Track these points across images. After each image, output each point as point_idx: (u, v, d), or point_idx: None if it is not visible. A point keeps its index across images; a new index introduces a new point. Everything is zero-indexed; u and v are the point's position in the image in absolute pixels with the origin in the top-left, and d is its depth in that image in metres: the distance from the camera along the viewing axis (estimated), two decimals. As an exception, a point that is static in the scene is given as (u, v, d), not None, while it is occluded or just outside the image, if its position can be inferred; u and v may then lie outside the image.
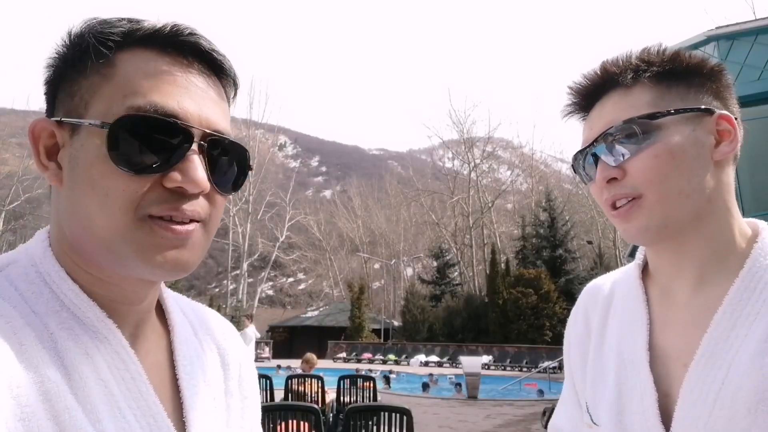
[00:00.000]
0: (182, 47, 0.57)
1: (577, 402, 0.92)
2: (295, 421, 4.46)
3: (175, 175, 0.53)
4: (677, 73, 0.76)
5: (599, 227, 44.55)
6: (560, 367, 20.55)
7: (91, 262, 0.56)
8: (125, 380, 0.55)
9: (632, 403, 0.77)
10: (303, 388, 7.03)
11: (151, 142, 0.53)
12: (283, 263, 71.04)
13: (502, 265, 30.68)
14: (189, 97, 0.55)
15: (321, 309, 45.99)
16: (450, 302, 33.14)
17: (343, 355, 29.17)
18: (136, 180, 0.52)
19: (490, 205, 44.02)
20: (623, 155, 0.74)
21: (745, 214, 0.77)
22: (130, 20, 0.57)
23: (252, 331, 11.81)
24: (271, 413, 4.37)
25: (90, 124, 0.53)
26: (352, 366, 20.41)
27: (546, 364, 19.73)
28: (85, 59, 0.55)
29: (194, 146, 0.55)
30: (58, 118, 0.55)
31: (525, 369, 21.15)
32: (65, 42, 0.57)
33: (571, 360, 0.95)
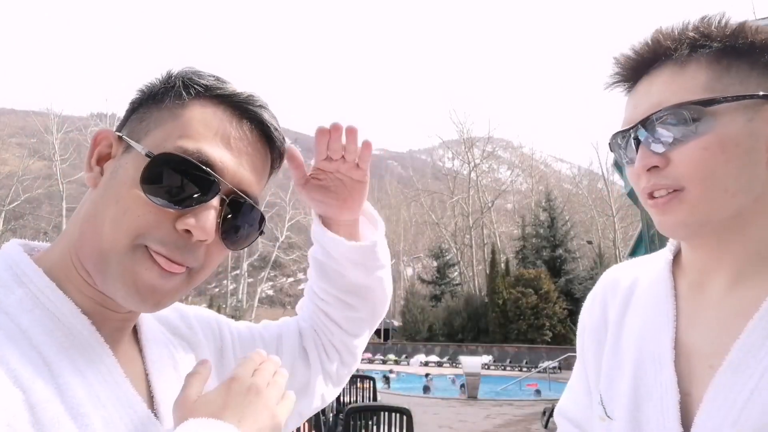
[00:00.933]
0: (247, 113, 0.64)
1: (587, 389, 0.89)
2: (295, 421, 4.45)
3: (190, 220, 0.58)
4: (739, 50, 0.67)
5: (599, 227, 44.57)
6: (560, 367, 20.54)
7: (85, 263, 0.60)
8: (102, 373, 0.57)
9: (650, 399, 0.72)
10: (303, 388, 7.01)
11: (181, 182, 0.58)
12: (283, 263, 70.99)
13: (502, 265, 30.71)
14: (232, 155, 0.61)
15: (321, 309, 45.77)
16: (450, 302, 33.13)
17: (343, 355, 29.09)
18: (153, 210, 0.57)
19: (490, 205, 44.04)
20: (668, 143, 0.67)
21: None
22: (217, 78, 0.65)
23: None
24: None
25: (140, 150, 0.59)
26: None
27: (546, 364, 19.72)
28: (166, 96, 0.63)
29: (216, 198, 0.59)
30: (120, 134, 0.62)
31: (525, 369, 21.14)
32: (159, 78, 0.65)
33: (584, 347, 0.90)
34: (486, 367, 20.68)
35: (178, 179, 0.57)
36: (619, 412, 0.76)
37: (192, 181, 0.58)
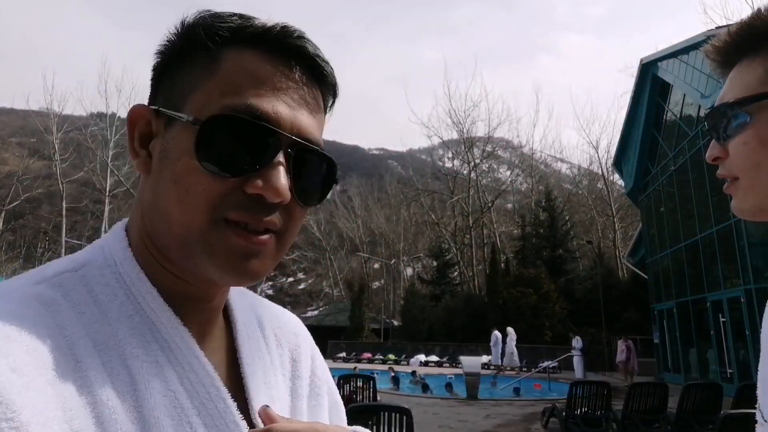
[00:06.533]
0: (287, 50, 0.56)
1: None
2: (295, 421, 4.44)
3: (257, 182, 0.51)
4: None
5: (599, 227, 44.54)
6: (560, 367, 20.55)
7: (166, 255, 0.55)
8: (198, 391, 0.53)
9: None
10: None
11: (239, 144, 0.51)
12: (282, 263, 70.80)
13: (502, 264, 30.72)
14: (285, 103, 0.54)
15: (321, 309, 45.99)
16: (450, 302, 33.12)
17: (343, 354, 29.16)
18: (219, 181, 0.51)
19: (489, 204, 44.01)
20: (725, 136, 0.71)
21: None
22: (241, 16, 0.56)
23: None
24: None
25: (185, 119, 0.52)
26: (351, 366, 20.44)
27: (546, 364, 19.72)
28: (192, 51, 0.55)
29: (281, 154, 0.53)
30: (157, 107, 0.55)
31: (525, 369, 21.14)
32: (176, 31, 0.56)
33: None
34: (486, 367, 20.67)
35: (234, 142, 0.51)
36: None
37: (250, 141, 0.52)
